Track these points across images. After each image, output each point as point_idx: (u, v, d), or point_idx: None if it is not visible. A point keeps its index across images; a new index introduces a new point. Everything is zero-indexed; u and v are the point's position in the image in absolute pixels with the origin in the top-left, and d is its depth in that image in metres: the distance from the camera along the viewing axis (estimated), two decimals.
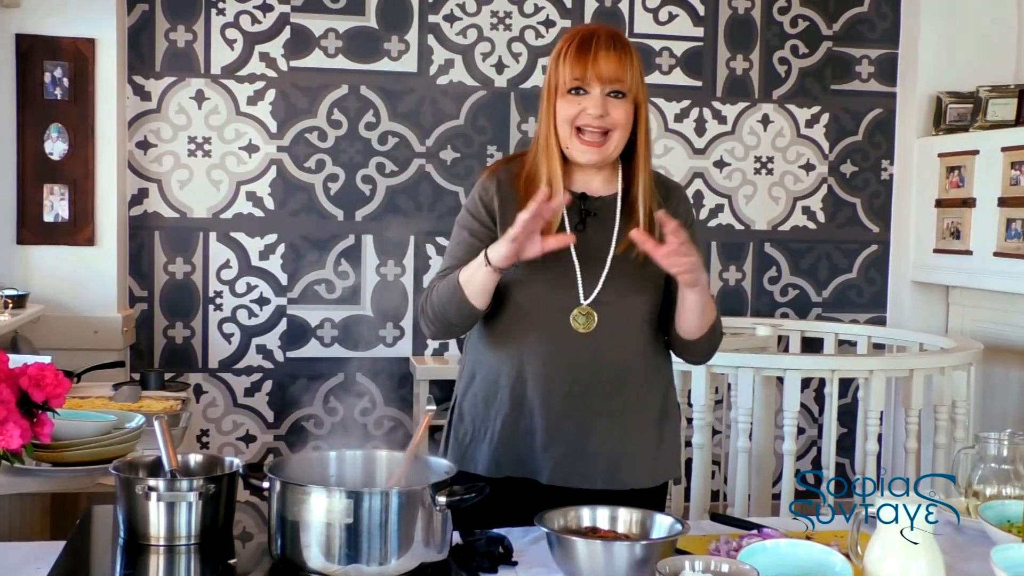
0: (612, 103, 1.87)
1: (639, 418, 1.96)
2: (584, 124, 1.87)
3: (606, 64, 1.85)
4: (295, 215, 4.11)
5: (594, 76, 1.85)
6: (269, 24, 4.05)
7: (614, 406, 1.93)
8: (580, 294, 1.91)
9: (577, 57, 1.86)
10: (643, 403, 1.97)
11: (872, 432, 3.29)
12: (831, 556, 1.49)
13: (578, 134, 1.88)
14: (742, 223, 4.47)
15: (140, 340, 4.01)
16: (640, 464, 1.96)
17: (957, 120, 4.25)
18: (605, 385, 1.92)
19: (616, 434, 1.94)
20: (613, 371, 1.93)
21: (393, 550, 1.46)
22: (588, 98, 1.86)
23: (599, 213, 1.95)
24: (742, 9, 4.40)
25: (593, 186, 1.97)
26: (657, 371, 2.01)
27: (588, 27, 1.93)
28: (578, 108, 1.87)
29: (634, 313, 1.95)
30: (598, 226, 1.94)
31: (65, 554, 1.57)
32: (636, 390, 1.96)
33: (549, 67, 1.92)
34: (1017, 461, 1.93)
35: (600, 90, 1.86)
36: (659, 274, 1.93)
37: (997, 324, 4.16)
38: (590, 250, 1.93)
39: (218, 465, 1.71)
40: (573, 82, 1.86)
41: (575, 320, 1.90)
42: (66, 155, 3.69)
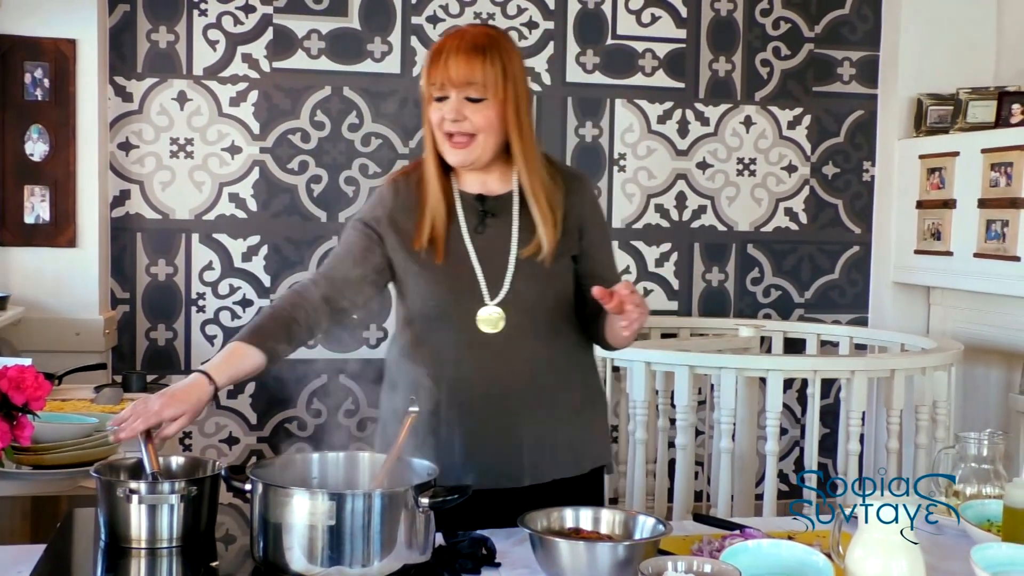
0: (469, 107, 1.89)
1: (558, 411, 1.98)
2: (446, 130, 1.90)
3: (456, 70, 1.87)
4: (278, 216, 4.10)
5: (447, 82, 1.88)
6: (251, 25, 4.04)
7: (531, 403, 1.95)
8: (485, 295, 1.92)
9: (431, 64, 1.90)
10: (561, 396, 1.98)
11: (854, 432, 3.31)
12: (813, 556, 1.50)
13: (448, 138, 1.91)
14: (725, 224, 4.48)
15: (122, 342, 3.99)
16: (563, 455, 1.98)
17: (937, 122, 4.28)
18: (519, 384, 1.94)
19: (536, 430, 1.95)
20: (526, 369, 1.94)
21: (376, 552, 1.46)
22: (447, 103, 1.89)
23: (498, 212, 1.96)
24: (724, 11, 4.42)
25: (490, 186, 1.98)
26: (574, 363, 2.02)
27: (455, 32, 1.95)
28: (439, 114, 1.90)
29: (542, 310, 1.96)
30: (499, 226, 1.96)
31: (46, 557, 1.57)
32: (552, 385, 1.97)
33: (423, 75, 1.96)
34: (997, 461, 1.95)
35: (456, 95, 1.88)
36: (566, 268, 1.98)
37: (977, 324, 4.19)
38: (492, 250, 1.94)
39: (200, 467, 1.71)
40: (431, 89, 1.91)
41: (483, 322, 1.91)
42: (47, 156, 3.67)
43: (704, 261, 4.48)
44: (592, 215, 2.06)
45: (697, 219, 4.45)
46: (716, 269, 4.49)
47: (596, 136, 4.34)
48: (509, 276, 1.93)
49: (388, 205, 1.99)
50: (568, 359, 2.01)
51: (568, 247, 1.99)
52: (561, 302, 2.00)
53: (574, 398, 2.01)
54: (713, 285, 4.49)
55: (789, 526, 1.84)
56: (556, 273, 1.97)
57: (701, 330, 4.32)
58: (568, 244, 1.99)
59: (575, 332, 2.04)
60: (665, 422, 3.60)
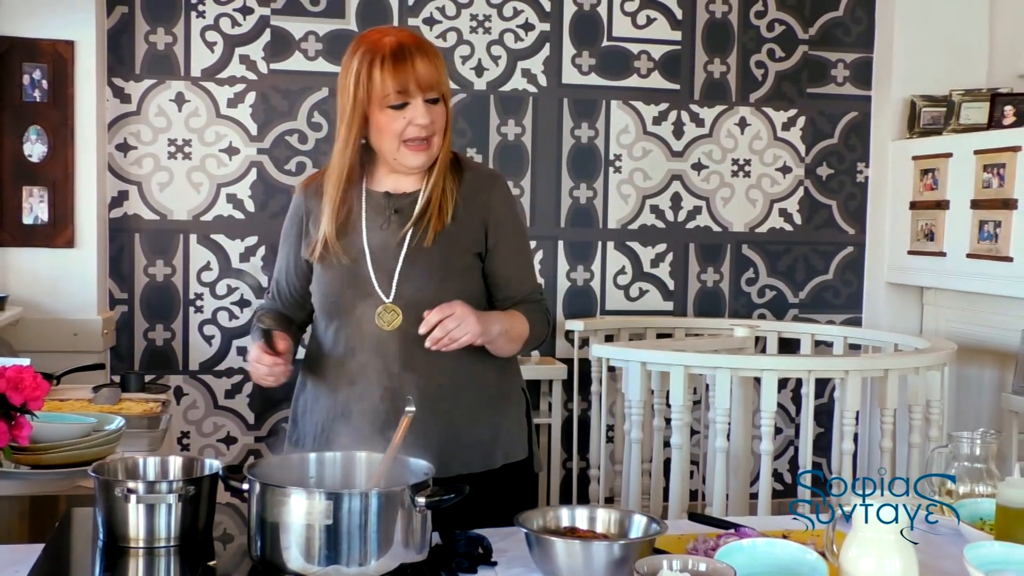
0: (432, 109, 1.90)
1: (465, 406, 1.98)
2: (412, 136, 1.90)
3: (425, 72, 1.87)
4: (275, 217, 4.10)
5: (416, 87, 1.87)
6: (249, 27, 4.05)
7: (435, 398, 1.95)
8: (380, 293, 1.94)
9: (396, 69, 1.86)
10: (468, 390, 1.99)
11: (848, 432, 3.32)
12: (807, 555, 1.51)
13: (404, 144, 1.91)
14: (720, 225, 4.50)
15: (120, 342, 4.00)
16: (472, 450, 1.98)
17: (931, 123, 4.30)
18: (420, 379, 1.94)
19: (441, 425, 1.95)
20: (425, 366, 1.94)
21: (373, 551, 1.47)
22: (412, 108, 1.88)
23: (402, 210, 1.97)
24: (719, 13, 4.43)
25: (403, 184, 1.99)
26: (478, 362, 2.00)
27: (388, 34, 1.91)
28: (404, 121, 1.88)
29: (437, 304, 1.91)
30: (399, 223, 1.97)
31: (44, 557, 1.57)
32: (453, 382, 1.97)
33: (355, 80, 1.89)
34: (989, 460, 1.96)
35: (421, 98, 1.88)
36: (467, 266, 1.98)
37: (970, 325, 4.21)
38: (385, 247, 1.95)
39: (198, 467, 1.72)
40: (397, 96, 1.87)
41: (380, 318, 1.93)
42: (45, 157, 3.68)
43: (699, 261, 4.49)
44: (502, 214, 2.03)
45: (692, 220, 4.47)
46: (711, 269, 4.50)
47: (592, 137, 4.35)
48: (398, 272, 1.94)
49: (301, 212, 2.05)
50: (471, 358, 1.98)
51: (470, 244, 1.99)
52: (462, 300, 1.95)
53: (480, 396, 2.01)
54: (708, 285, 4.51)
55: (784, 525, 1.85)
56: (454, 270, 1.97)
57: (696, 330, 4.34)
58: (469, 240, 1.99)
59: None
60: (660, 422, 3.61)
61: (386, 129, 1.90)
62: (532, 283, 2.10)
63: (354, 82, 1.89)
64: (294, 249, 2.06)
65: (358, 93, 1.89)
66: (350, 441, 1.88)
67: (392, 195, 1.99)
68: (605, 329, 4.21)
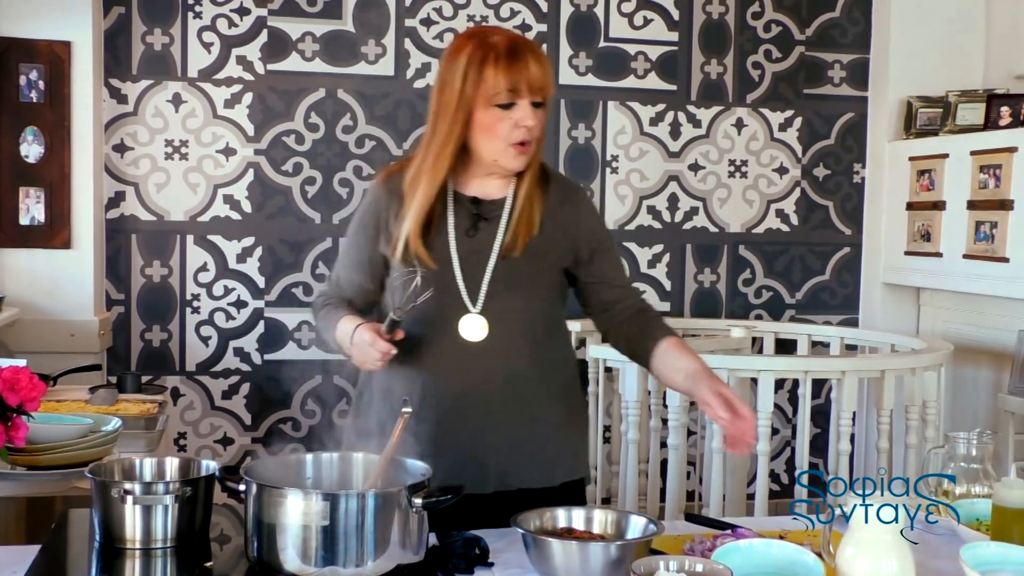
0: (536, 112, 1.85)
1: (532, 424, 1.94)
2: (520, 139, 1.85)
3: (537, 73, 1.83)
4: (272, 218, 4.11)
5: (526, 88, 1.82)
6: (246, 27, 4.05)
7: (505, 412, 1.92)
8: (467, 303, 1.89)
9: (510, 67, 1.81)
10: (536, 409, 1.95)
11: (844, 432, 3.33)
12: (803, 555, 1.51)
13: (512, 145, 1.85)
14: (716, 226, 4.50)
15: (117, 343, 4.00)
16: (534, 467, 1.95)
17: (927, 124, 4.31)
18: (495, 392, 1.91)
19: (507, 439, 1.92)
20: (503, 378, 1.91)
21: (369, 552, 1.47)
22: (519, 109, 1.83)
23: (490, 217, 1.92)
24: (716, 14, 4.44)
25: (488, 190, 1.94)
26: (554, 378, 1.99)
27: (499, 34, 1.87)
28: (511, 122, 1.83)
29: (524, 318, 1.92)
30: (488, 231, 1.92)
31: (40, 558, 1.58)
32: (527, 397, 1.94)
33: (462, 77, 1.83)
34: (986, 460, 1.96)
35: (529, 101, 1.84)
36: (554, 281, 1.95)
37: (967, 325, 4.22)
38: (475, 256, 1.91)
39: (194, 468, 1.72)
40: (508, 95, 1.82)
41: (465, 330, 1.89)
42: (42, 158, 3.68)
43: (696, 262, 4.50)
44: (592, 226, 2.01)
45: (689, 220, 4.47)
46: (708, 270, 4.51)
47: (589, 138, 4.36)
48: (487, 283, 1.90)
49: (382, 205, 1.97)
50: (548, 370, 1.98)
51: (556, 258, 1.96)
52: (544, 313, 1.96)
53: (551, 412, 1.97)
54: (705, 286, 4.51)
55: (780, 526, 1.85)
56: (541, 283, 1.94)
57: (693, 331, 4.34)
58: (556, 255, 1.95)
59: (560, 347, 2.02)
60: (657, 422, 3.62)
61: (491, 129, 1.84)
62: (633, 288, 2.08)
63: (462, 77, 1.83)
64: (371, 243, 1.98)
65: (466, 89, 1.82)
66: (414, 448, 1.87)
67: (480, 201, 1.93)
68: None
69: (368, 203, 2.00)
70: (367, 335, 1.81)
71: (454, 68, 1.85)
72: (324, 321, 1.98)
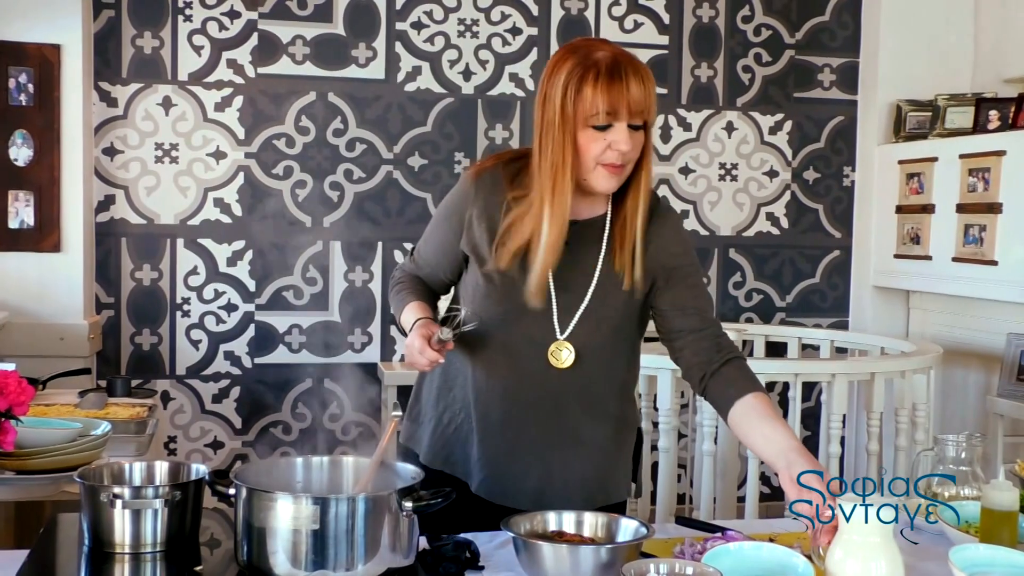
0: (634, 135, 1.75)
1: (582, 446, 1.91)
2: (613, 161, 1.74)
3: (638, 96, 1.72)
4: (263, 221, 4.10)
5: (625, 111, 1.71)
6: (237, 31, 4.04)
7: (556, 433, 1.89)
8: (557, 329, 1.85)
9: (610, 89, 1.70)
10: (590, 432, 1.92)
11: (835, 435, 3.34)
12: (793, 558, 1.51)
13: (602, 165, 1.75)
14: (707, 229, 4.51)
15: (107, 347, 3.99)
16: (576, 490, 1.90)
17: (916, 128, 4.32)
18: (561, 414, 1.88)
19: (552, 459, 1.90)
20: (577, 402, 1.88)
21: (360, 556, 1.47)
22: (615, 132, 1.73)
23: (582, 237, 1.84)
24: (706, 18, 4.45)
25: (579, 208, 1.84)
26: (617, 402, 1.95)
27: (603, 51, 1.75)
28: (604, 144, 1.73)
29: (610, 347, 1.89)
30: (579, 251, 1.84)
31: (29, 562, 1.57)
32: (586, 420, 1.91)
33: (563, 93, 1.73)
34: (974, 462, 1.97)
35: (627, 123, 1.72)
36: (636, 307, 1.89)
37: (956, 328, 4.23)
38: (570, 279, 1.84)
39: (184, 472, 1.71)
40: (606, 118, 1.71)
41: (553, 356, 1.84)
42: (31, 161, 3.67)
43: None
44: (681, 259, 1.90)
45: None
46: None
47: None
48: (581, 311, 1.84)
49: (470, 200, 1.88)
50: (617, 397, 1.94)
51: (642, 287, 1.87)
52: (624, 342, 1.91)
53: (602, 437, 1.93)
54: None
55: (770, 528, 1.86)
56: (627, 313, 1.89)
57: None
58: (642, 284, 1.86)
59: (627, 371, 1.97)
60: (648, 425, 3.62)
61: (584, 149, 1.74)
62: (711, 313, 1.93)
63: (562, 94, 1.73)
64: (453, 235, 1.90)
65: (564, 107, 1.72)
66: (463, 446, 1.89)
67: (576, 221, 1.83)
68: None
69: (457, 196, 1.92)
70: (417, 341, 1.78)
71: (554, 84, 1.76)
72: (396, 299, 1.98)
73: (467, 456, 1.92)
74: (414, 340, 1.80)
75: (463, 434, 1.93)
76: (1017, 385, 3.77)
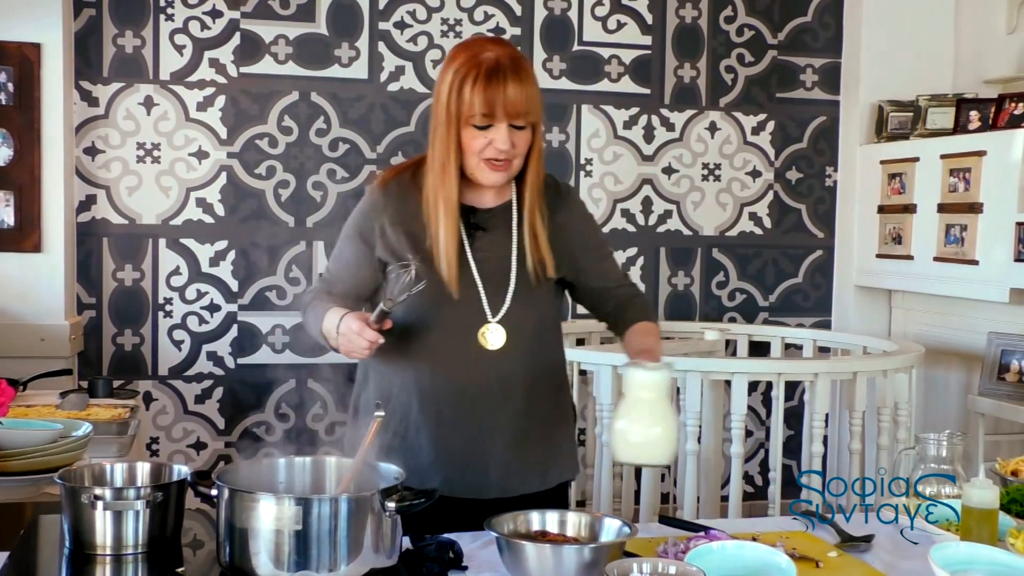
0: (516, 134, 1.85)
1: (530, 430, 1.97)
2: (492, 156, 1.85)
3: (515, 98, 1.81)
4: (245, 221, 4.09)
5: (503, 112, 1.82)
6: (219, 30, 4.03)
7: (507, 418, 1.95)
8: (488, 313, 1.91)
9: (486, 91, 1.81)
10: (536, 412, 1.98)
11: (817, 434, 3.35)
12: (776, 556, 1.52)
13: (484, 161, 1.87)
14: (690, 229, 4.52)
15: (88, 348, 3.97)
16: (531, 473, 1.98)
17: (898, 128, 4.35)
18: (499, 398, 1.94)
19: (507, 447, 1.95)
20: (511, 384, 1.94)
21: (343, 556, 1.47)
22: (495, 131, 1.84)
23: (488, 226, 1.95)
24: (689, 18, 4.46)
25: (485, 198, 1.96)
26: (552, 382, 2.03)
27: (489, 52, 1.84)
28: (485, 141, 1.84)
29: (539, 326, 1.97)
30: (492, 240, 1.94)
31: (9, 564, 1.56)
32: (528, 403, 1.97)
33: (447, 92, 1.84)
34: (956, 461, 1.98)
35: (506, 123, 1.83)
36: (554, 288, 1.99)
37: (938, 327, 4.26)
38: (491, 265, 1.93)
39: (166, 473, 1.70)
40: (483, 119, 1.82)
41: (483, 337, 1.90)
42: (11, 161, 3.64)
43: (670, 265, 4.51)
44: (587, 232, 2.05)
45: (663, 224, 4.49)
46: (682, 273, 4.53)
47: (563, 141, 4.36)
48: (511, 293, 1.92)
49: (380, 210, 1.96)
50: (550, 377, 2.02)
51: (558, 267, 1.98)
52: (547, 321, 2.00)
53: (547, 415, 2.01)
54: (679, 289, 4.53)
55: (753, 528, 1.87)
56: (548, 293, 1.98)
57: (667, 333, 4.35)
58: (558, 263, 1.97)
59: (556, 350, 2.05)
60: None
61: (467, 145, 1.85)
62: (621, 274, 2.16)
63: (447, 93, 1.84)
64: (365, 248, 1.98)
65: (449, 106, 1.84)
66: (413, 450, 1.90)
67: (477, 210, 1.95)
68: (576, 333, 4.22)
69: (364, 208, 2.00)
70: (355, 323, 1.82)
71: (443, 82, 1.86)
72: (312, 314, 1.99)
73: (419, 464, 1.93)
74: (351, 322, 1.82)
75: (410, 443, 1.94)
76: (998, 384, 3.80)
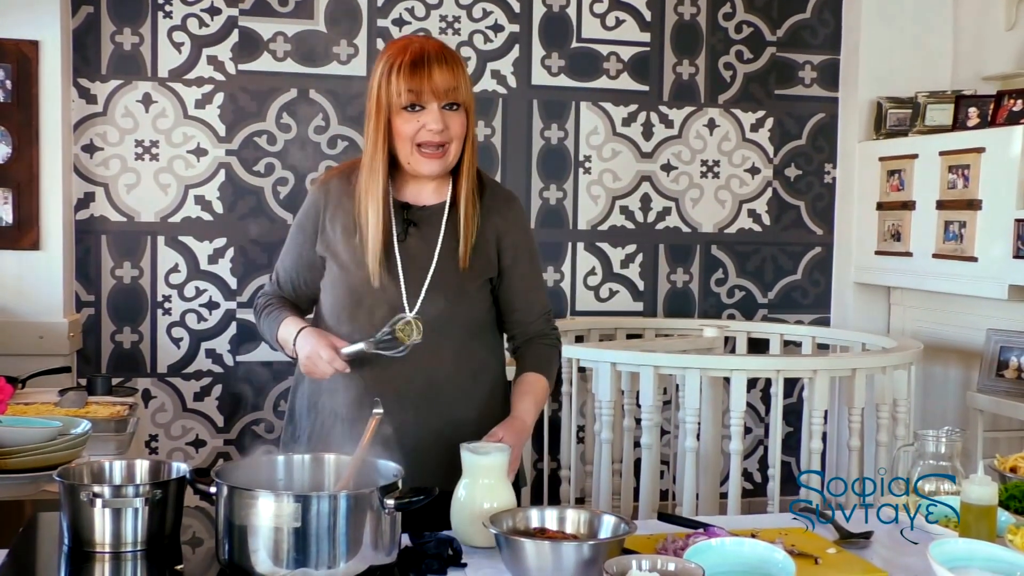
0: (449, 116, 1.90)
1: (457, 423, 1.96)
2: (425, 140, 1.90)
3: (441, 77, 1.87)
4: (244, 219, 4.08)
5: (430, 91, 1.87)
6: (217, 27, 4.02)
7: (426, 414, 1.96)
8: (405, 305, 1.94)
9: (412, 73, 1.87)
10: (461, 407, 1.99)
11: (816, 431, 3.35)
12: (774, 553, 1.52)
13: (418, 149, 1.91)
14: (689, 226, 4.52)
15: (87, 345, 3.96)
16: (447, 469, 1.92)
17: (897, 125, 4.35)
18: (422, 393, 1.95)
19: (432, 440, 1.95)
20: (431, 379, 1.96)
21: (342, 553, 1.47)
22: (426, 113, 1.89)
23: (421, 223, 1.98)
24: (688, 15, 4.46)
25: (423, 196, 2.00)
26: (479, 377, 2.03)
27: (413, 42, 1.93)
28: (417, 124, 1.89)
29: (458, 322, 1.97)
30: (421, 236, 1.97)
31: (9, 562, 1.56)
32: (454, 396, 1.98)
33: (376, 84, 1.92)
34: (954, 458, 1.98)
35: (437, 104, 1.89)
36: (480, 288, 2.00)
37: (936, 324, 4.26)
38: (414, 260, 1.96)
39: (165, 470, 1.70)
40: (409, 98, 1.88)
41: (401, 331, 1.91)
42: (10, 158, 3.64)
43: (669, 262, 4.51)
44: (518, 237, 2.05)
45: (662, 221, 4.49)
46: (681, 270, 4.53)
47: (561, 138, 4.36)
48: (426, 287, 1.94)
49: (320, 208, 2.02)
50: (475, 372, 2.02)
51: (484, 266, 2.00)
52: (472, 321, 2.01)
53: (473, 410, 2.00)
54: (678, 286, 4.53)
55: (752, 524, 1.87)
56: (470, 292, 1.99)
57: (666, 331, 4.36)
58: (484, 262, 2.00)
59: (487, 346, 2.06)
60: (631, 422, 3.63)
61: (400, 132, 1.91)
62: (543, 306, 2.12)
63: (376, 86, 1.91)
64: (309, 243, 2.04)
65: (380, 97, 1.91)
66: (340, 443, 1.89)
67: (411, 207, 1.99)
68: (575, 330, 4.22)
69: (307, 206, 2.06)
70: (325, 352, 1.87)
71: (374, 77, 1.94)
72: (267, 321, 2.05)
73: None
74: (322, 349, 1.88)
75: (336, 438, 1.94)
76: (996, 381, 3.80)
